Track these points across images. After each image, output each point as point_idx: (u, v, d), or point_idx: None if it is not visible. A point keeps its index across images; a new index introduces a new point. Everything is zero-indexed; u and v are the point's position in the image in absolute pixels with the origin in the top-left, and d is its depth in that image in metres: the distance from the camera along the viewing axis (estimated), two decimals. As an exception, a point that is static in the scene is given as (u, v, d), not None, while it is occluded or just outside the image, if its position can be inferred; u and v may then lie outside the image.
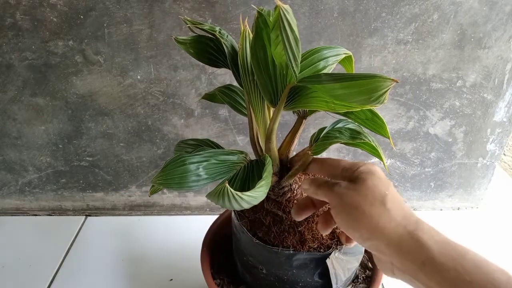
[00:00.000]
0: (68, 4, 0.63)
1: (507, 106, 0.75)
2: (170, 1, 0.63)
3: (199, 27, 0.43)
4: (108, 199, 0.85)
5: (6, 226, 0.83)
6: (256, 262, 0.47)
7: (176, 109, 0.73)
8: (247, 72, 0.40)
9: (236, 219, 0.47)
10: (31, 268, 0.72)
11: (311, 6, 0.64)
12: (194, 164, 0.37)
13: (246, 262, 0.48)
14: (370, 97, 0.31)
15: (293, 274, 0.45)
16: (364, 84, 0.31)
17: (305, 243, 0.44)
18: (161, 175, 0.37)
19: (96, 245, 0.77)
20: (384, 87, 0.30)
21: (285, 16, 0.29)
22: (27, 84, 0.70)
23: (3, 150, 0.78)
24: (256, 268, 0.47)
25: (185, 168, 0.37)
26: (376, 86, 0.30)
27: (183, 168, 0.37)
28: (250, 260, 0.47)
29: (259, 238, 0.45)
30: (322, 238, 0.45)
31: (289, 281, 0.45)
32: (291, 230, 0.45)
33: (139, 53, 0.68)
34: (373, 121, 0.41)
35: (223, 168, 0.40)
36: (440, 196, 0.87)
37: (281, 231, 0.45)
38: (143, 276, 0.71)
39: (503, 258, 0.76)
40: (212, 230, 0.58)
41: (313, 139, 0.47)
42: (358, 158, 0.81)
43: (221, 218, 0.60)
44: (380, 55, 0.69)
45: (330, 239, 0.45)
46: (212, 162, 0.39)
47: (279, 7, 0.28)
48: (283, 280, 0.46)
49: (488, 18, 0.66)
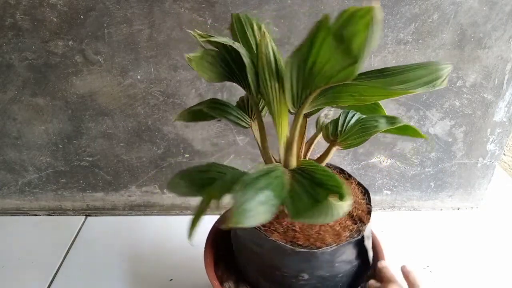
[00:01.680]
0: (68, 4, 0.63)
1: (507, 106, 0.75)
2: (170, 1, 0.63)
3: (210, 39, 0.41)
4: (108, 199, 0.85)
5: (6, 226, 0.83)
6: (296, 272, 0.45)
7: (176, 109, 0.73)
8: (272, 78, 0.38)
9: (265, 236, 0.44)
10: (31, 268, 0.72)
11: (311, 6, 0.64)
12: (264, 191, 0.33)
13: (280, 277, 0.46)
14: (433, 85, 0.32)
15: (335, 268, 0.45)
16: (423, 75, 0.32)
17: (340, 235, 0.44)
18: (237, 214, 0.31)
19: (96, 245, 0.77)
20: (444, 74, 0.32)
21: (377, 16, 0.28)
22: (27, 84, 0.70)
23: (3, 150, 0.78)
24: (295, 277, 0.45)
25: (260, 198, 0.33)
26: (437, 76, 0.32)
27: (259, 199, 0.32)
28: (285, 272, 0.45)
29: (300, 246, 0.43)
30: (348, 225, 0.46)
31: (331, 276, 0.45)
32: (323, 228, 0.45)
33: (139, 53, 0.68)
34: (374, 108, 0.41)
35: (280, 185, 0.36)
36: (440, 196, 0.87)
37: (317, 232, 0.44)
38: (143, 276, 0.71)
39: (503, 258, 0.76)
40: (215, 228, 0.58)
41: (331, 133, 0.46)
42: (358, 158, 0.81)
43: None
44: (380, 55, 0.69)
45: (354, 223, 0.46)
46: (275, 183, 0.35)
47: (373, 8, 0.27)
48: (325, 278, 0.45)
49: (488, 18, 0.66)
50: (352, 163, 0.82)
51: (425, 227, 0.84)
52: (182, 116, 0.49)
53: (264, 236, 0.44)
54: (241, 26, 0.45)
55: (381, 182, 0.85)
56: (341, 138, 0.46)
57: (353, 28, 0.28)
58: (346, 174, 0.53)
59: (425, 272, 0.72)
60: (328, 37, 0.30)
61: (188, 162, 0.80)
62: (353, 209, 0.47)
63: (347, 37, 0.29)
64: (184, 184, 0.45)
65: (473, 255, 0.76)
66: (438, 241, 0.79)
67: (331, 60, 0.32)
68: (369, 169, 0.83)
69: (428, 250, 0.77)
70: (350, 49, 0.29)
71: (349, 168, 0.82)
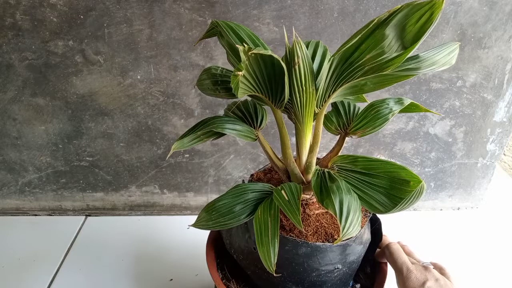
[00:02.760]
0: (68, 4, 0.63)
1: (507, 106, 0.75)
2: (170, 1, 0.63)
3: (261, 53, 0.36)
4: (108, 199, 0.85)
5: (6, 226, 0.83)
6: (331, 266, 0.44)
7: (176, 109, 0.73)
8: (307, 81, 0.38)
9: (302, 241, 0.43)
10: (31, 268, 0.72)
11: (311, 6, 0.64)
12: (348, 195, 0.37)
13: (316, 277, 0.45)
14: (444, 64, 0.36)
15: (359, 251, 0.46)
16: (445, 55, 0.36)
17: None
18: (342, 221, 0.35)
19: (96, 245, 0.77)
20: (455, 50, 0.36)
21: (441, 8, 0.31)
22: (27, 84, 0.70)
23: (3, 150, 0.78)
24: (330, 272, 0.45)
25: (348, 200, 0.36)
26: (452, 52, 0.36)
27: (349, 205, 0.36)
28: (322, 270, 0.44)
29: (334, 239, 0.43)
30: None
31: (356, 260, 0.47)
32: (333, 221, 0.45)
33: (139, 53, 0.68)
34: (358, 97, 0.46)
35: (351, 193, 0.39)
36: (440, 196, 0.87)
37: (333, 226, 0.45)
38: (143, 276, 0.71)
39: (503, 258, 0.76)
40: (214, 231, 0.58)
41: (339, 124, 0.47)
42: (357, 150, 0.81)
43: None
44: (380, 55, 0.69)
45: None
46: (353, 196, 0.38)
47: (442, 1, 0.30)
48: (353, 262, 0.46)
49: (488, 18, 0.66)
50: (352, 163, 0.82)
51: (425, 227, 0.84)
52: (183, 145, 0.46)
53: (301, 243, 0.42)
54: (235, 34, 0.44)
55: (381, 182, 0.85)
56: (355, 127, 0.46)
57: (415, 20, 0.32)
58: None
59: (425, 272, 0.72)
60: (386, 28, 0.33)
61: (188, 162, 0.80)
62: None
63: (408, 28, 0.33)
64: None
65: (473, 255, 0.76)
66: (438, 241, 0.79)
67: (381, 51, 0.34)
68: (369, 169, 0.83)
69: (428, 250, 0.77)
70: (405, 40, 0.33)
71: (349, 168, 0.82)
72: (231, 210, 0.41)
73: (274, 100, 0.41)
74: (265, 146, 0.46)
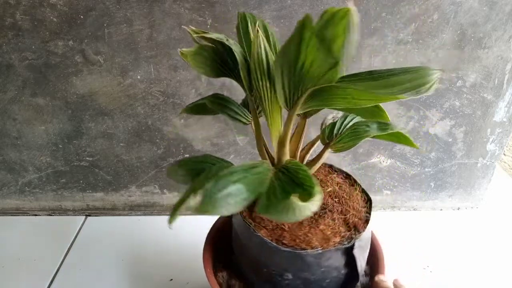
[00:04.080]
0: (68, 4, 0.63)
1: (507, 106, 0.75)
2: (170, 1, 0.63)
3: (205, 36, 0.41)
4: (108, 199, 0.85)
5: (6, 226, 0.83)
6: (281, 270, 0.45)
7: (176, 109, 0.73)
8: (263, 77, 0.39)
9: (253, 231, 0.45)
10: (31, 268, 0.72)
11: (311, 6, 0.64)
12: (236, 184, 0.35)
13: (266, 273, 0.46)
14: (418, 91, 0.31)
15: (321, 273, 0.45)
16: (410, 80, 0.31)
17: (329, 240, 0.44)
18: (205, 203, 0.34)
19: (96, 245, 0.77)
20: (431, 80, 0.30)
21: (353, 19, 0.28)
22: (27, 84, 0.70)
23: (3, 150, 0.78)
24: (280, 276, 0.45)
25: (230, 190, 0.34)
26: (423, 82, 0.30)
27: (229, 191, 0.34)
28: (272, 270, 0.45)
29: (285, 245, 0.43)
30: (341, 231, 0.45)
31: (316, 281, 0.45)
32: (312, 230, 0.45)
33: (139, 53, 0.68)
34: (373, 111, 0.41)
35: (258, 180, 0.37)
36: (440, 196, 0.87)
37: (304, 233, 0.44)
38: (143, 276, 0.71)
39: (503, 258, 0.76)
40: (215, 228, 0.58)
41: (327, 136, 0.47)
42: (358, 158, 0.81)
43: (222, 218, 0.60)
44: (380, 55, 0.69)
45: (348, 230, 0.46)
46: (249, 178, 0.36)
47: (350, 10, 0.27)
48: (310, 281, 0.45)
49: (488, 18, 0.66)
50: (352, 163, 0.82)
51: (425, 227, 0.84)
52: (187, 110, 0.51)
53: (252, 231, 0.45)
54: (245, 24, 0.46)
55: (381, 182, 0.85)
56: (335, 141, 0.46)
57: (333, 29, 0.29)
58: (352, 179, 0.53)
59: (425, 272, 0.72)
60: (313, 37, 0.30)
61: (188, 162, 0.80)
62: (350, 216, 0.47)
63: (328, 38, 0.29)
64: (181, 172, 0.47)
65: (473, 255, 0.76)
66: (438, 241, 0.79)
67: (316, 62, 0.32)
68: (369, 169, 0.83)
69: (428, 250, 0.77)
70: (331, 51, 0.29)
71: (349, 168, 0.82)
72: None
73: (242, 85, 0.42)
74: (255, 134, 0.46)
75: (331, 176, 0.53)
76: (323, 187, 0.51)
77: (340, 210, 0.48)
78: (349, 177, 0.53)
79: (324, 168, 0.55)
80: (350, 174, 0.53)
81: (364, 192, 0.51)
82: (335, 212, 0.47)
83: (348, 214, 0.47)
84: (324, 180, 0.52)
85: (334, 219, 0.46)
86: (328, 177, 0.53)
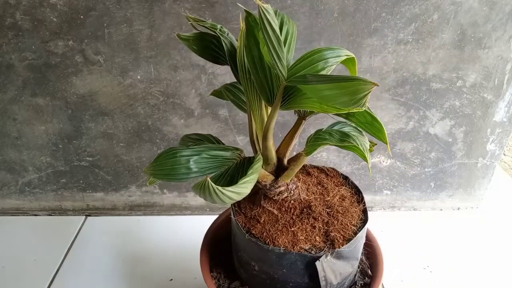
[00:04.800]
0: (68, 4, 0.63)
1: (507, 106, 0.75)
2: (170, 1, 0.63)
3: (201, 24, 0.44)
4: (108, 199, 0.85)
5: (6, 226, 0.83)
6: (249, 259, 0.47)
7: (176, 109, 0.74)
8: (245, 70, 0.40)
9: (233, 214, 0.48)
10: (31, 268, 0.72)
11: (311, 6, 0.64)
12: (185, 157, 0.38)
13: (240, 258, 0.49)
14: (352, 99, 0.32)
15: (283, 274, 0.45)
16: (346, 87, 0.32)
17: (297, 243, 0.44)
18: (152, 166, 0.38)
19: (96, 245, 0.77)
20: (365, 90, 0.31)
21: (265, 15, 0.29)
22: (27, 84, 0.70)
23: (3, 150, 0.78)
24: (249, 264, 0.47)
25: (175, 160, 0.38)
26: (356, 89, 0.31)
27: (174, 160, 0.38)
28: (243, 256, 0.48)
29: (252, 235, 0.45)
30: (315, 240, 0.45)
31: (280, 280, 0.46)
32: (284, 230, 0.45)
33: (139, 53, 0.68)
34: (372, 124, 0.42)
35: (214, 163, 0.40)
36: (440, 196, 0.87)
37: (275, 229, 0.45)
38: (143, 276, 0.71)
39: (503, 258, 0.76)
40: (212, 229, 0.58)
41: (308, 140, 0.47)
42: (358, 158, 0.81)
43: (222, 217, 0.60)
44: (380, 55, 0.69)
45: (324, 242, 0.45)
46: (203, 157, 0.40)
47: (259, 7, 0.28)
48: (274, 278, 0.46)
49: (488, 18, 0.66)
50: (352, 163, 0.82)
51: (425, 227, 0.84)
52: (213, 93, 0.54)
53: (232, 216, 0.48)
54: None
55: (381, 182, 0.85)
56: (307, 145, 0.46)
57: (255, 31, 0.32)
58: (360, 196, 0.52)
59: (425, 272, 0.72)
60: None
61: (188, 162, 0.80)
62: (333, 229, 0.46)
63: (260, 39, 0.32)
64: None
65: (473, 255, 0.76)
66: (438, 241, 0.79)
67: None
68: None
69: (428, 250, 0.77)
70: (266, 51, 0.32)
71: (349, 168, 0.82)
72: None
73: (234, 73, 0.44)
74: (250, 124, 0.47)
75: (339, 188, 0.52)
76: (324, 195, 0.51)
77: (325, 221, 0.47)
78: (358, 194, 0.52)
79: (338, 179, 0.54)
80: (361, 192, 0.52)
81: (364, 213, 0.50)
82: (319, 221, 0.47)
83: (331, 227, 0.46)
84: (330, 189, 0.52)
85: (315, 227, 0.46)
86: (337, 188, 0.52)
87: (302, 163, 0.46)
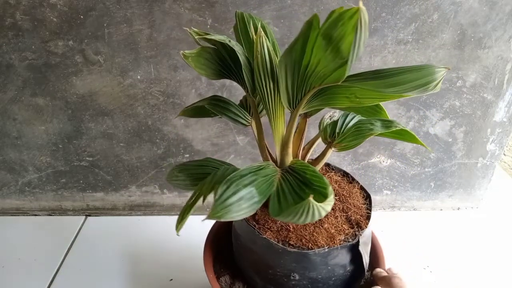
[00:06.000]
0: (68, 4, 0.63)
1: (507, 106, 0.75)
2: (170, 1, 0.63)
3: (206, 37, 0.41)
4: (108, 199, 0.85)
5: (6, 226, 0.83)
6: (287, 271, 0.45)
7: (176, 109, 0.73)
8: (267, 77, 0.39)
9: (258, 233, 0.45)
10: (31, 268, 0.72)
11: (311, 6, 0.64)
12: (247, 187, 0.35)
13: (272, 275, 0.46)
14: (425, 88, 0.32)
15: (328, 271, 0.45)
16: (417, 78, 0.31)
17: (334, 238, 0.44)
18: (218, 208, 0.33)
19: (96, 245, 0.77)
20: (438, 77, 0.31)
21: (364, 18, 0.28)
22: (27, 84, 0.70)
23: (3, 150, 0.78)
24: (287, 277, 0.45)
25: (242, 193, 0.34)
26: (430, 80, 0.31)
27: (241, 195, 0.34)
28: (278, 272, 0.45)
29: (292, 246, 0.43)
30: (344, 228, 0.45)
31: (322, 280, 0.45)
32: (318, 230, 0.45)
33: (139, 53, 0.68)
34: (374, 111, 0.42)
35: (267, 183, 0.37)
36: (440, 196, 0.87)
37: (309, 233, 0.44)
38: (143, 276, 0.71)
39: (503, 258, 0.76)
40: (215, 228, 0.58)
41: (329, 135, 0.46)
42: (358, 158, 0.81)
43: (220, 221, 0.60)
44: (380, 55, 0.69)
45: (351, 227, 0.46)
46: (259, 180, 0.36)
47: (360, 9, 0.27)
48: (317, 280, 0.45)
49: (488, 18, 0.66)
50: (352, 163, 0.82)
51: (425, 227, 0.84)
52: (185, 112, 0.50)
53: (257, 234, 0.44)
54: (243, 24, 0.46)
55: (381, 182, 0.85)
56: (338, 140, 0.46)
57: (341, 29, 0.29)
58: (349, 177, 0.53)
59: (425, 272, 0.72)
60: (319, 37, 0.30)
61: (188, 162, 0.80)
62: (351, 213, 0.47)
63: (336, 38, 0.29)
64: (181, 178, 0.46)
65: (473, 255, 0.76)
66: (438, 241, 0.79)
67: (322, 61, 0.32)
68: (369, 169, 0.83)
69: (428, 250, 0.77)
70: (339, 50, 0.30)
71: (349, 168, 0.82)
72: None
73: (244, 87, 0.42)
74: (255, 136, 0.47)
75: (329, 174, 0.53)
76: None
77: (341, 208, 0.48)
78: (346, 175, 0.54)
79: (321, 167, 0.55)
80: (348, 172, 0.54)
81: (363, 189, 0.51)
82: (337, 210, 0.47)
83: (349, 212, 0.47)
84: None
85: (337, 217, 0.46)
86: (326, 175, 0.53)
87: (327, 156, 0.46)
